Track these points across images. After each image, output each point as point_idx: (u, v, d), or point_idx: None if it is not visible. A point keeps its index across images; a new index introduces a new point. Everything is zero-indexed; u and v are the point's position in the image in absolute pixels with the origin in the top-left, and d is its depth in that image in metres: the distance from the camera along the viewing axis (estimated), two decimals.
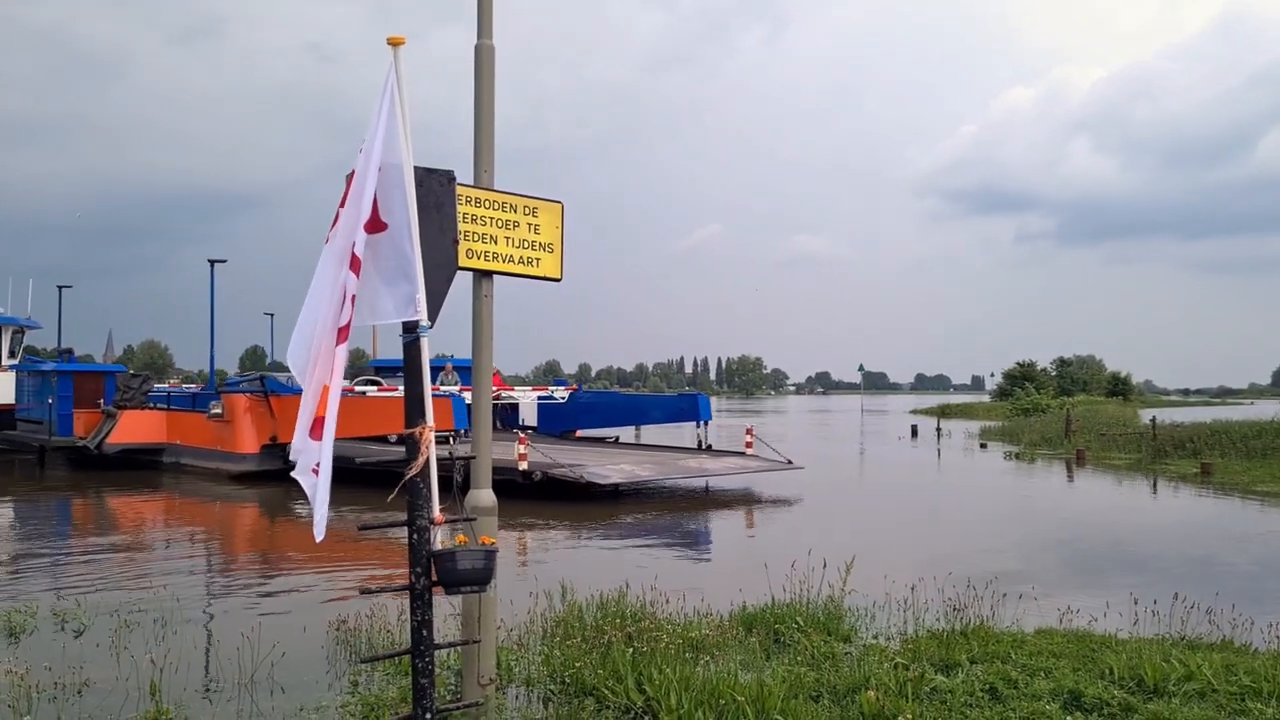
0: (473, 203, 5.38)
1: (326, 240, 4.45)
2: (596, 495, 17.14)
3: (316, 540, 4.21)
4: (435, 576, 4.30)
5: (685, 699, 5.11)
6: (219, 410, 22.00)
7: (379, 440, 20.00)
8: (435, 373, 26.45)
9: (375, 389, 22.87)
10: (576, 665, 5.86)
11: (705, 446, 22.22)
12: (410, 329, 4.42)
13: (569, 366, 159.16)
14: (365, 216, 4.25)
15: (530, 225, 5.72)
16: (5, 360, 30.26)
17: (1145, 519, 16.40)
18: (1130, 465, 25.69)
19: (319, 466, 4.19)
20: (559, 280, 5.92)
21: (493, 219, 5.51)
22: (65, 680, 6.21)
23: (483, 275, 5.53)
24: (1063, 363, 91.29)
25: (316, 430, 4.23)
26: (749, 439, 21.30)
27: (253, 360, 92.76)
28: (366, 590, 4.65)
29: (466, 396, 23.38)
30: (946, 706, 5.37)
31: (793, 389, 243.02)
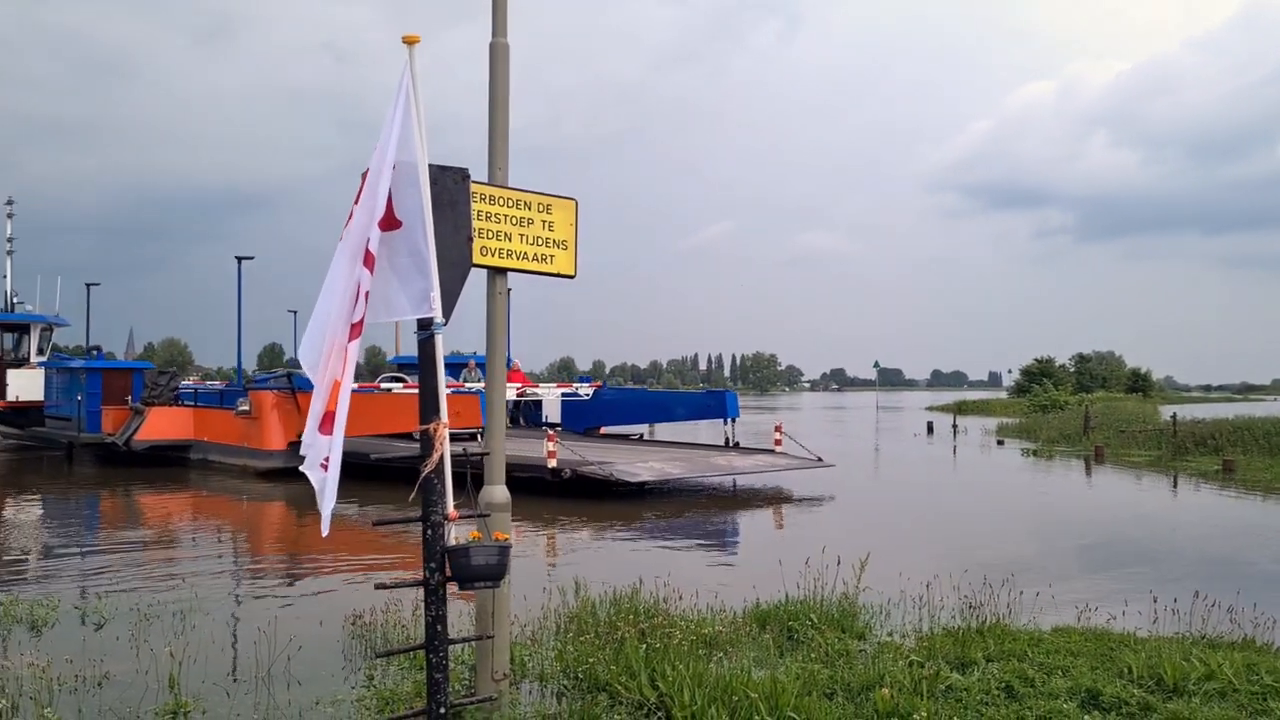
0: (487, 200, 5.40)
1: (341, 237, 4.48)
2: (624, 493, 16.97)
3: (323, 535, 4.24)
4: (450, 572, 4.33)
5: (698, 695, 5.11)
6: (246, 407, 21.99)
7: (405, 438, 19.97)
8: (458, 369, 26.57)
9: (401, 385, 22.94)
10: (590, 661, 5.87)
11: (733, 444, 21.94)
12: (425, 326, 4.45)
13: (583, 363, 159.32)
14: (379, 213, 4.27)
15: (544, 222, 5.73)
16: (34, 357, 30.60)
17: (1165, 516, 16.26)
18: (1150, 462, 25.47)
19: (328, 461, 4.22)
20: (573, 277, 5.93)
21: (507, 216, 5.52)
22: (86, 673, 6.28)
23: (497, 272, 5.55)
24: (1081, 359, 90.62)
25: (326, 425, 4.26)
26: (778, 436, 20.89)
27: (271, 357, 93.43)
28: (381, 585, 4.68)
29: None
30: (962, 705, 5.34)
31: (807, 386, 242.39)
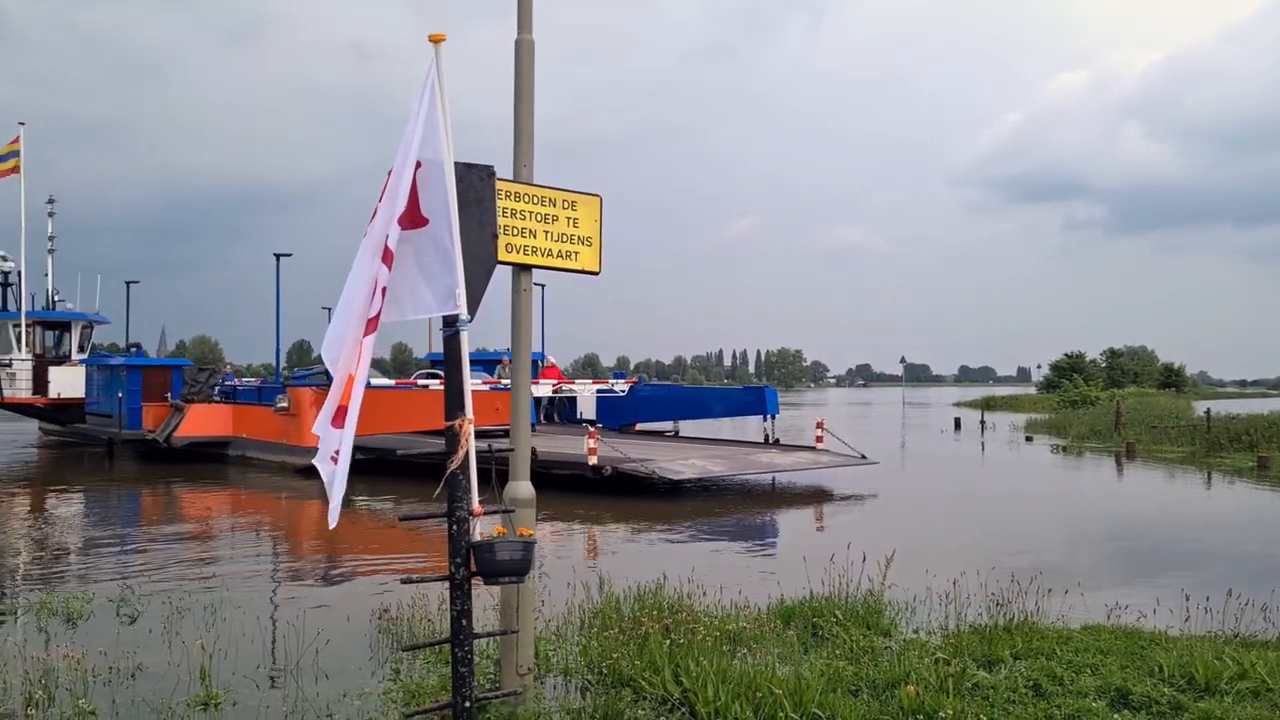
0: (512, 197, 5.41)
1: (365, 234, 4.51)
2: (662, 491, 16.82)
3: (330, 527, 4.29)
4: (475, 567, 4.36)
5: (722, 691, 5.11)
6: (285, 404, 22.08)
7: (440, 435, 19.93)
8: (492, 365, 26.64)
9: (438, 383, 23.05)
10: (614, 656, 5.89)
11: (773, 441, 21.68)
12: (450, 323, 4.47)
13: (607, 360, 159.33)
14: (400, 210, 4.30)
15: (569, 219, 5.74)
16: (75, 355, 31.09)
17: (1198, 514, 16.03)
18: (1183, 459, 25.11)
19: (338, 454, 4.27)
20: (597, 274, 5.94)
21: (532, 213, 5.54)
22: (120, 665, 6.39)
23: (522, 269, 5.57)
24: (1113, 354, 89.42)
25: (339, 419, 4.31)
26: (819, 433, 20.55)
27: (299, 354, 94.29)
28: (408, 579, 4.73)
29: (534, 390, 23.41)
30: (989, 702, 5.30)
31: (833, 381, 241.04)
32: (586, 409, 27.27)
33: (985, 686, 5.54)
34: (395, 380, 25.91)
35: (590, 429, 18.09)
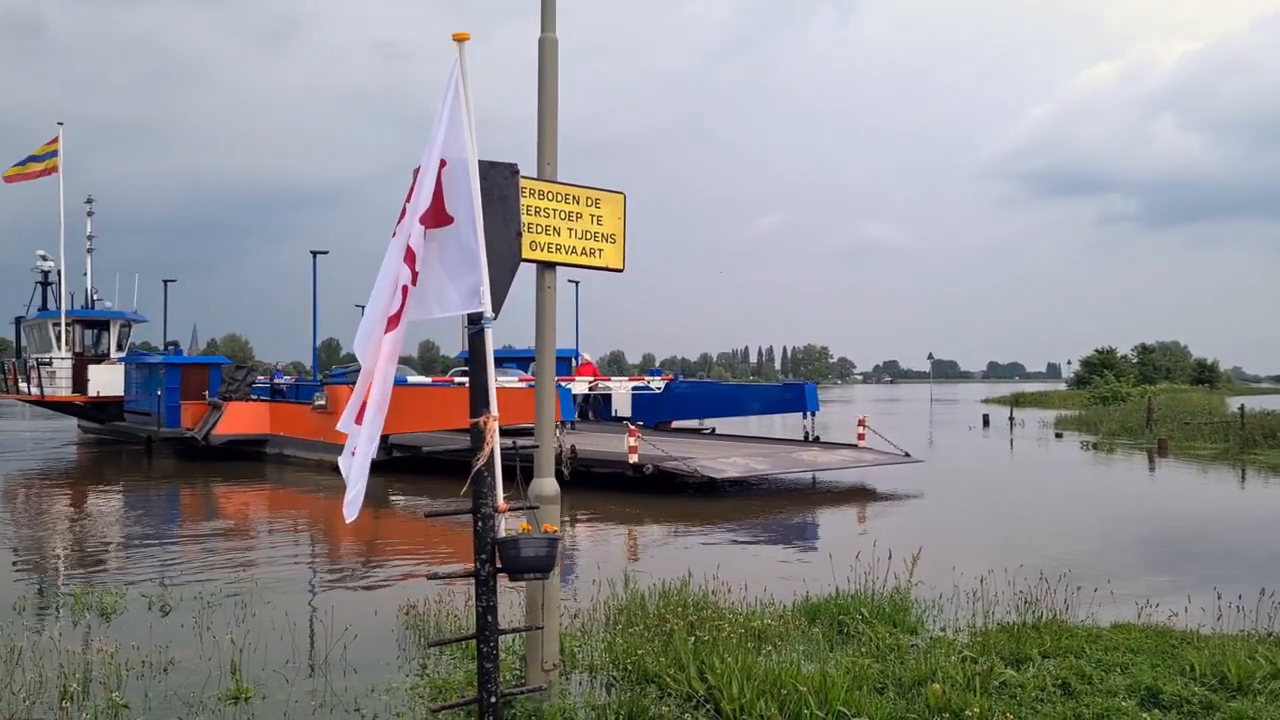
0: (535, 195, 5.44)
1: (394, 234, 4.56)
2: (701, 489, 16.67)
3: (347, 521, 4.33)
4: (500, 563, 4.39)
5: (747, 688, 5.10)
6: (323, 401, 22.08)
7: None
8: (527, 363, 26.67)
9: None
10: (639, 653, 5.90)
11: (813, 438, 21.36)
12: (475, 320, 4.50)
13: (633, 357, 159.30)
14: (423, 209, 4.34)
15: (592, 216, 5.76)
16: (114, 353, 31.52)
17: (1231, 511, 15.79)
18: (1216, 455, 24.74)
19: (357, 449, 4.34)
20: (621, 271, 5.95)
21: (555, 211, 5.55)
22: (152, 658, 6.49)
23: (545, 267, 5.59)
24: (1144, 349, 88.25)
25: (362, 415, 4.38)
26: (861, 430, 20.23)
27: (327, 352, 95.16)
28: (434, 575, 4.77)
29: (572, 387, 23.39)
30: (1016, 701, 5.26)
31: (860, 378, 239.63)
32: (621, 406, 26.99)
33: (1013, 685, 5.49)
34: (432, 378, 26.00)
35: (631, 427, 17.81)
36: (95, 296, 33.41)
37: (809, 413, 21.88)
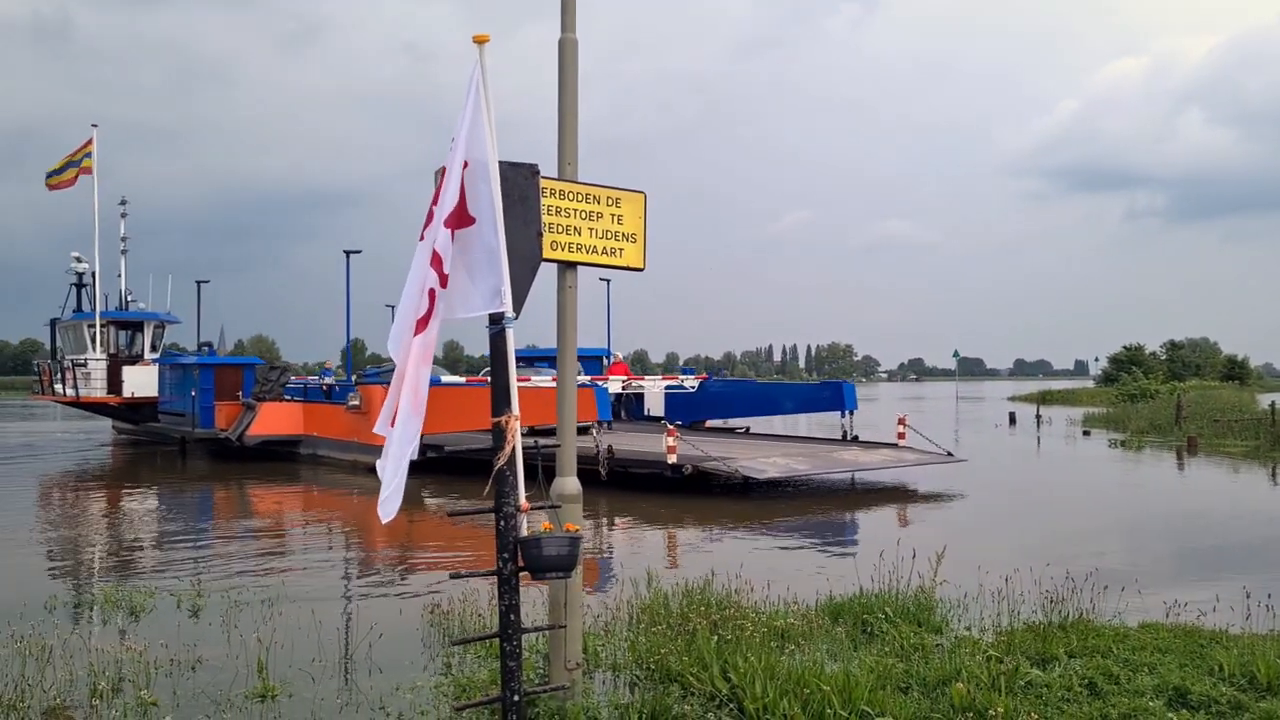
0: (556, 195, 5.46)
1: (421, 237, 4.59)
2: (736, 489, 16.53)
3: (381, 521, 4.37)
4: (522, 562, 4.41)
5: (770, 688, 5.10)
6: (357, 402, 22.01)
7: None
8: (554, 362, 26.55)
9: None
10: (662, 652, 5.91)
11: (852, 437, 21.06)
12: (496, 321, 4.53)
13: (656, 356, 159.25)
14: (448, 210, 4.38)
15: (613, 216, 5.77)
16: (148, 354, 31.87)
17: (1262, 509, 15.55)
18: (1247, 453, 24.38)
19: (391, 451, 4.39)
20: (642, 270, 5.96)
21: (576, 210, 5.57)
22: (180, 657, 6.58)
23: (566, 266, 5.61)
24: (1173, 346, 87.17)
25: (395, 418, 4.43)
26: (901, 429, 19.91)
27: (355, 352, 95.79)
28: (456, 575, 4.79)
29: (607, 386, 23.28)
30: (1041, 701, 5.22)
31: (884, 376, 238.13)
32: (655, 405, 26.70)
33: (1038, 684, 5.45)
34: (465, 378, 26.04)
35: (669, 427, 17.52)
36: (129, 298, 33.80)
37: (847, 411, 21.50)
